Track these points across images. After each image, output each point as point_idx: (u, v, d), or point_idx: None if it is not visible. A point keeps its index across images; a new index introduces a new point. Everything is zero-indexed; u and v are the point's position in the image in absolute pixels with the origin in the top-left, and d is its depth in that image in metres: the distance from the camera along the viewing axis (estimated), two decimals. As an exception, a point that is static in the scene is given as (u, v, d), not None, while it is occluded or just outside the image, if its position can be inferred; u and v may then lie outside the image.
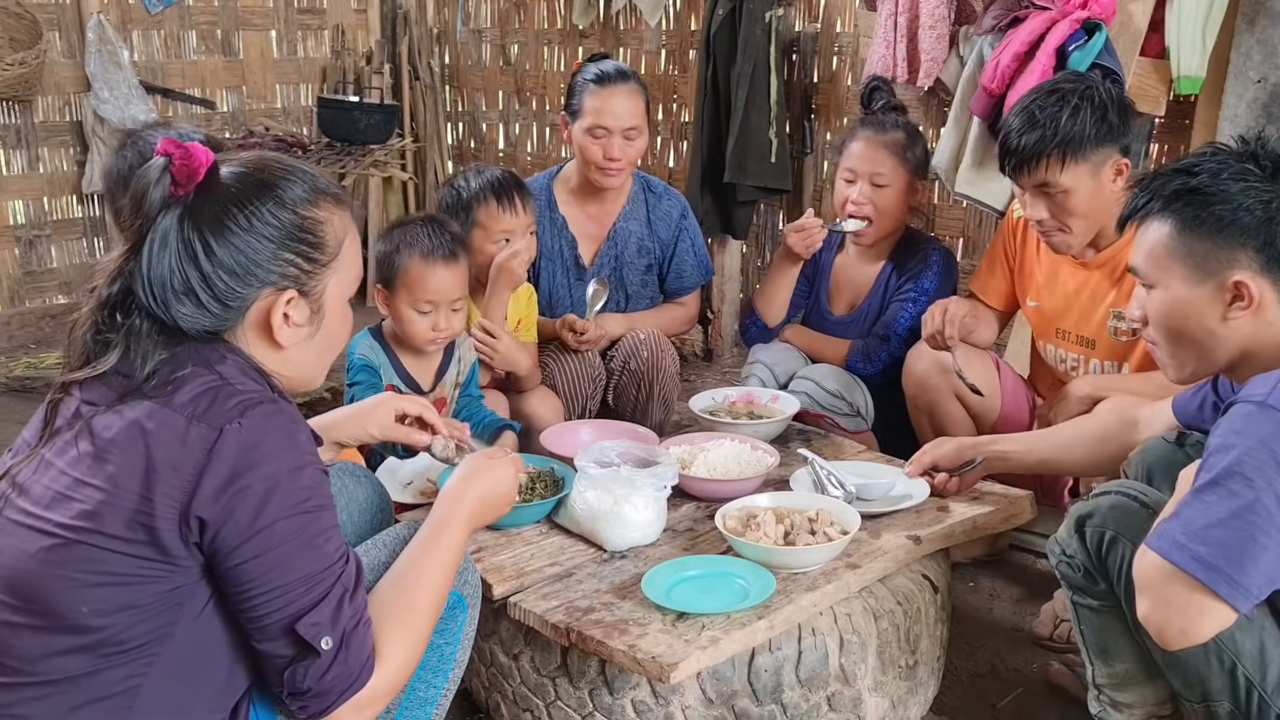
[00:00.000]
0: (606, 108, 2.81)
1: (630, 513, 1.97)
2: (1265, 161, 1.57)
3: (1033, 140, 2.24)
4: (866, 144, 2.81)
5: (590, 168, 2.89)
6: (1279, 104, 2.96)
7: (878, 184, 2.79)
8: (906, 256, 2.89)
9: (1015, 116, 2.30)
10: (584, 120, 2.84)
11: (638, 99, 2.88)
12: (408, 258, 2.28)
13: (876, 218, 2.81)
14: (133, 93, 4.72)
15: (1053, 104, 2.24)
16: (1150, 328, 1.69)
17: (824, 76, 4.17)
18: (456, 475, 1.64)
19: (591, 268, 3.02)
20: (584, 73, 2.90)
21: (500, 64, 5.43)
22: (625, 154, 2.86)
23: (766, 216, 4.50)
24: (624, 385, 2.87)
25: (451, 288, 2.31)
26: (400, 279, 2.29)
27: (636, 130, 2.86)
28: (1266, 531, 1.41)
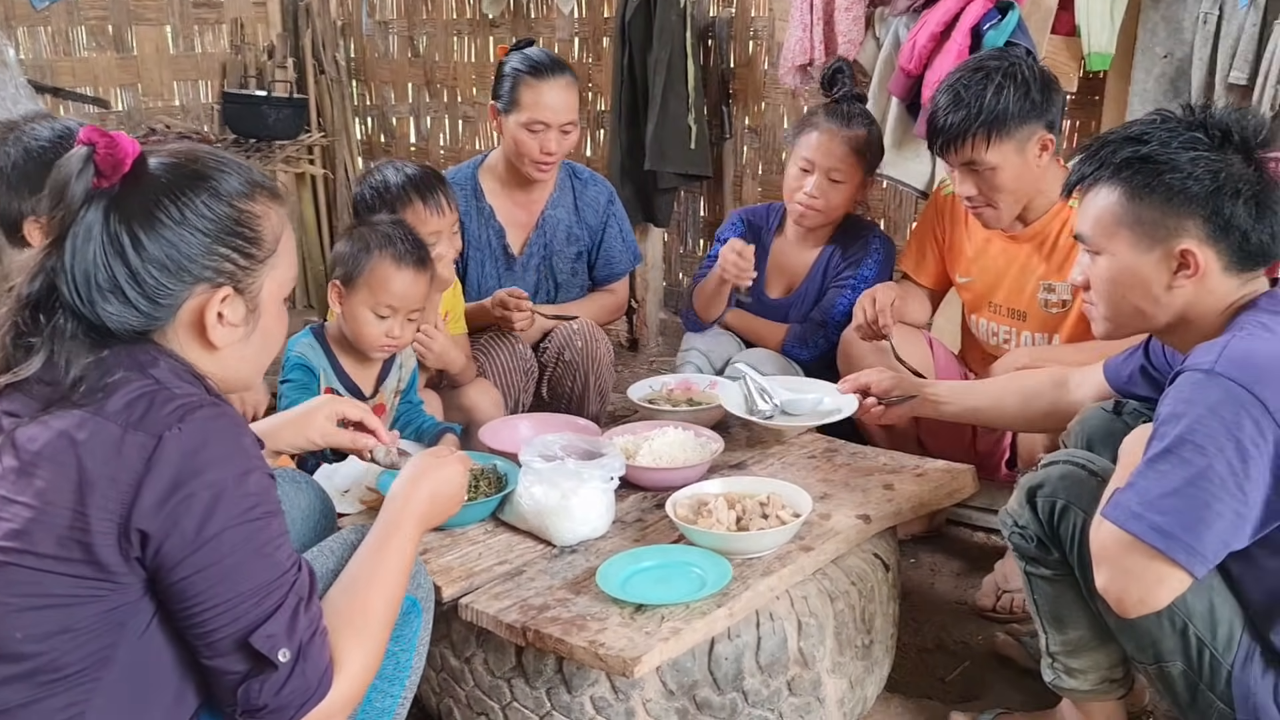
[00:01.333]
0: (544, 102, 2.75)
1: (579, 506, 1.93)
2: (1214, 131, 1.59)
3: (959, 119, 2.26)
4: (830, 138, 2.74)
5: (524, 161, 2.82)
6: (1185, 79, 3.04)
7: (834, 179, 2.74)
8: (848, 241, 2.88)
9: (942, 95, 2.32)
10: (520, 114, 2.77)
11: (573, 92, 2.83)
12: (378, 257, 2.19)
13: (825, 211, 2.78)
14: (20, 92, 4.47)
15: (978, 82, 2.26)
16: (1092, 292, 1.70)
17: (740, 61, 4.17)
18: (404, 476, 1.58)
19: (521, 257, 2.96)
20: (514, 62, 2.82)
21: (409, 56, 5.31)
22: (561, 148, 2.81)
23: (688, 203, 4.49)
24: (559, 377, 2.82)
25: (415, 295, 2.23)
26: (365, 278, 2.20)
27: (573, 124, 2.81)
28: (1219, 497, 1.43)
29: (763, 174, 4.25)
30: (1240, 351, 1.48)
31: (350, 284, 2.21)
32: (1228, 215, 1.56)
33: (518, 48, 2.91)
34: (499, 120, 2.84)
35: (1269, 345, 1.49)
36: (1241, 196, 1.56)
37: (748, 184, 4.28)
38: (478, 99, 5.08)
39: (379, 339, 2.23)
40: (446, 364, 2.54)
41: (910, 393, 2.21)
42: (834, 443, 2.41)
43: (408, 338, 2.29)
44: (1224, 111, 1.63)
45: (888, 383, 2.23)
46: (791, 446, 2.38)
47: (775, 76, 3.97)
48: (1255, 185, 1.58)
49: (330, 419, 1.77)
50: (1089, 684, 1.81)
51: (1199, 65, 2.96)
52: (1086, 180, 1.70)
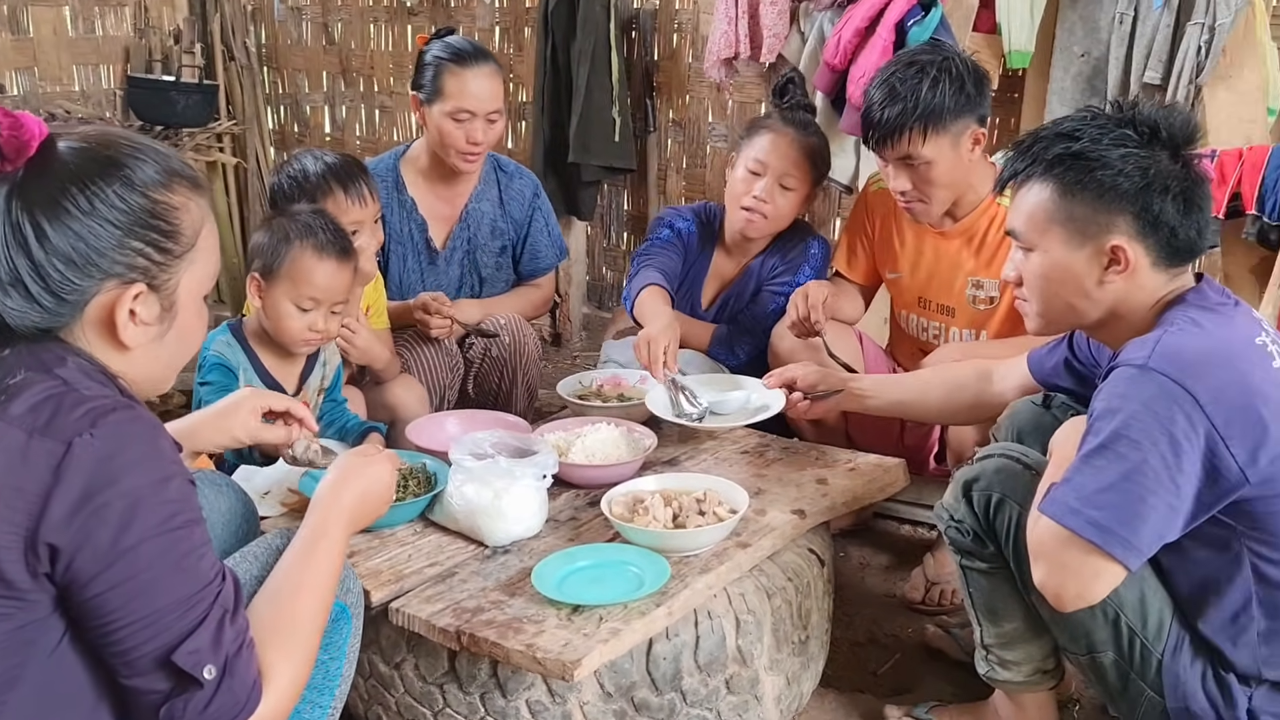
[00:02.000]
0: (470, 90, 2.68)
1: (511, 505, 1.88)
2: (1142, 128, 1.60)
3: (896, 113, 2.25)
4: (787, 143, 2.65)
5: (449, 152, 2.75)
6: (1102, 77, 3.10)
7: (785, 186, 2.66)
8: (785, 243, 2.82)
9: (876, 90, 2.31)
10: (444, 103, 2.70)
11: (498, 80, 2.76)
12: (299, 248, 2.11)
13: (773, 218, 2.70)
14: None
15: (913, 76, 2.26)
16: (1025, 288, 1.71)
17: (664, 54, 4.14)
18: (330, 476, 1.51)
19: (444, 251, 2.89)
20: (436, 50, 2.75)
21: (323, 43, 5.16)
22: (487, 138, 2.74)
23: (611, 196, 4.45)
24: (486, 373, 2.76)
25: (339, 287, 2.15)
26: (286, 270, 2.11)
27: (499, 113, 2.75)
28: (1154, 491, 1.45)
29: (687, 168, 4.22)
30: (1172, 347, 1.50)
31: (270, 276, 2.13)
32: (1156, 211, 1.58)
33: (438, 36, 2.84)
34: (422, 111, 2.76)
35: (1199, 340, 1.51)
36: (1170, 193, 1.58)
37: (672, 178, 4.26)
38: (395, 89, 4.96)
39: (302, 333, 2.15)
40: (371, 360, 2.47)
41: (836, 387, 2.21)
42: (765, 438, 2.40)
43: (332, 331, 2.21)
44: (1151, 109, 1.65)
45: (813, 377, 2.23)
46: (724, 442, 2.36)
47: (699, 70, 3.96)
48: (1183, 182, 1.60)
49: (255, 414, 1.68)
50: (1022, 675, 1.82)
51: (1115, 64, 3.03)
52: (1019, 176, 1.70)
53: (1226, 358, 1.50)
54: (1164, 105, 1.68)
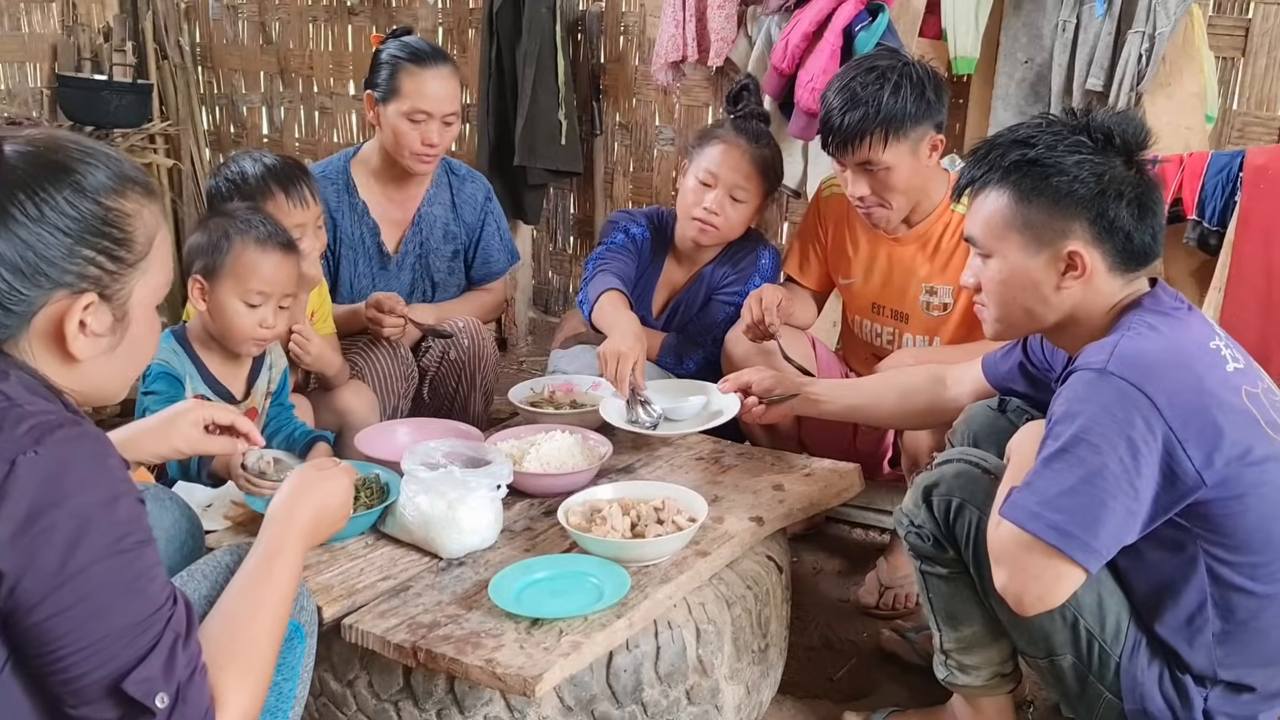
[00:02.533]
0: (428, 91, 2.63)
1: (466, 516, 1.84)
2: (1097, 134, 1.62)
3: (857, 118, 2.25)
4: (739, 155, 2.61)
5: (404, 153, 2.69)
6: (1045, 84, 3.14)
7: (736, 198, 2.63)
8: (735, 252, 2.79)
9: (836, 95, 2.30)
10: (401, 103, 2.64)
11: (456, 82, 2.72)
12: (240, 243, 2.05)
13: (724, 230, 2.67)
14: None
15: (874, 82, 2.26)
16: (984, 294, 1.72)
17: (611, 57, 4.12)
18: (285, 491, 1.46)
19: (396, 256, 2.83)
20: (393, 49, 2.69)
21: (260, 43, 5.06)
22: (443, 140, 2.69)
23: (557, 200, 4.42)
24: (442, 377, 2.71)
25: (286, 279, 2.10)
26: (229, 267, 2.05)
27: (455, 116, 2.70)
28: (1114, 495, 1.46)
29: (634, 171, 4.20)
30: (1130, 350, 1.51)
31: (213, 275, 2.07)
32: (1112, 217, 1.59)
33: (395, 35, 2.79)
34: (376, 110, 2.71)
35: (1156, 344, 1.53)
36: (1124, 198, 1.60)
37: (619, 181, 4.23)
38: (335, 89, 4.87)
39: (252, 330, 2.09)
40: (323, 367, 2.41)
41: (791, 391, 2.20)
42: (720, 444, 2.39)
43: (282, 328, 2.16)
44: (1105, 115, 1.66)
45: (769, 382, 2.22)
46: (679, 449, 2.34)
47: (647, 73, 3.94)
48: (1137, 187, 1.61)
49: (197, 425, 1.63)
50: (981, 680, 1.82)
51: (1058, 71, 3.07)
52: (976, 183, 1.71)
53: (1182, 361, 1.52)
54: (1116, 112, 1.69)
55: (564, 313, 4.29)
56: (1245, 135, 3.09)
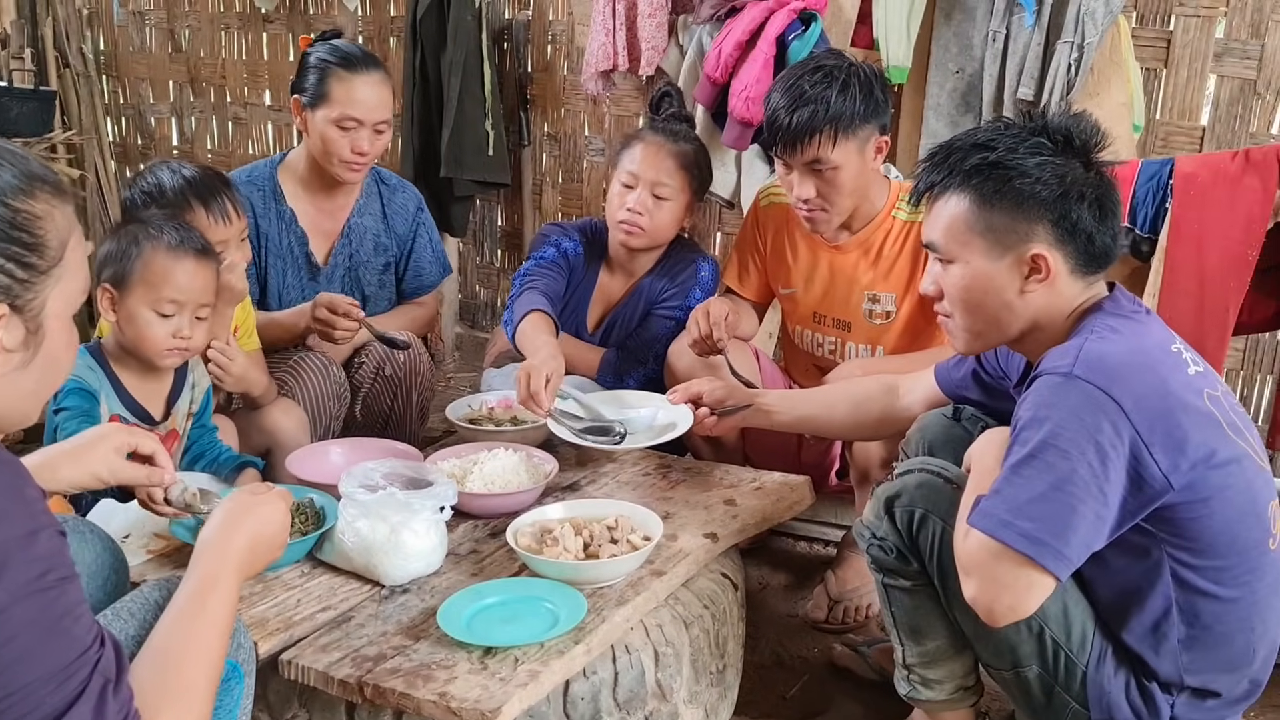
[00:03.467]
0: (358, 97, 2.52)
1: (410, 540, 1.75)
2: (1056, 136, 1.60)
3: (805, 116, 2.21)
4: (656, 150, 2.58)
5: (332, 161, 2.58)
6: (976, 94, 3.16)
7: (659, 195, 2.58)
8: (673, 265, 2.73)
9: (782, 95, 2.27)
10: (330, 109, 2.53)
11: (387, 89, 2.61)
12: (151, 249, 1.93)
13: (651, 231, 2.61)
14: None
15: (821, 80, 2.23)
16: (946, 302, 1.69)
17: (538, 66, 4.05)
18: (218, 519, 1.36)
19: (326, 267, 2.71)
20: (321, 52, 2.57)
21: (169, 51, 4.87)
22: (374, 148, 2.58)
23: (484, 212, 4.32)
24: (377, 394, 2.60)
25: (202, 287, 1.98)
26: (139, 274, 1.93)
27: (386, 124, 2.59)
28: (1083, 500, 1.43)
29: (563, 182, 4.13)
30: (1094, 354, 1.49)
31: (123, 284, 1.95)
32: (1074, 219, 1.58)
33: (324, 38, 2.68)
34: (303, 116, 2.59)
35: (1119, 347, 1.51)
36: (1086, 200, 1.59)
37: (547, 193, 4.16)
38: (249, 99, 4.72)
39: (165, 341, 1.96)
40: (247, 386, 2.28)
41: (743, 403, 2.15)
42: (666, 459, 2.33)
43: (199, 340, 2.03)
44: (1061, 117, 1.65)
45: (720, 393, 2.17)
46: (624, 464, 2.28)
47: (575, 82, 3.88)
48: (1097, 188, 1.61)
49: (120, 450, 1.51)
50: (944, 694, 1.79)
51: (989, 81, 3.09)
52: (935, 188, 1.68)
53: (1147, 364, 1.50)
54: (1071, 114, 1.68)
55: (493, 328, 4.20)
56: (1169, 144, 3.15)
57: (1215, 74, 3.07)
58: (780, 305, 2.69)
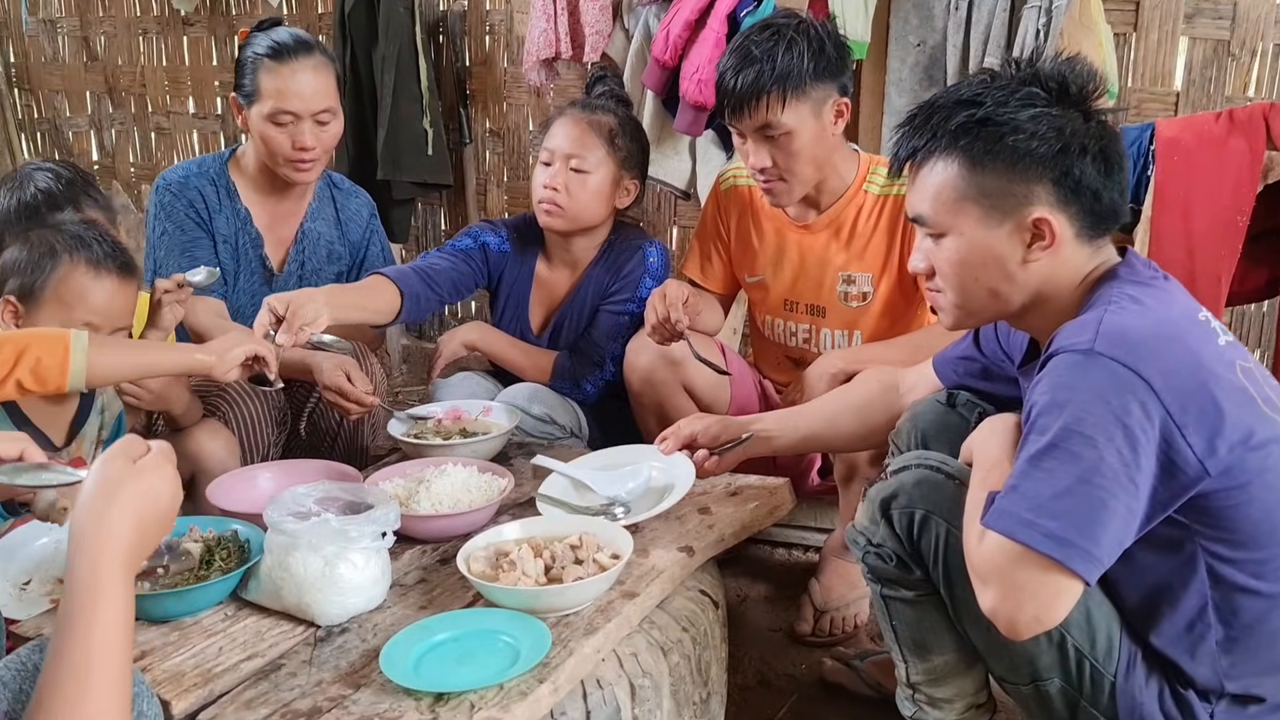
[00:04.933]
0: (291, 88, 2.30)
1: (348, 573, 1.54)
2: (1051, 84, 1.43)
3: (751, 77, 2.05)
4: (570, 123, 2.45)
5: (277, 161, 2.36)
6: (940, 66, 3.01)
7: (577, 169, 2.41)
8: (618, 255, 2.55)
9: (730, 56, 2.12)
10: (263, 104, 2.31)
11: (327, 74, 2.38)
12: (68, 264, 1.73)
13: (570, 207, 2.43)
14: None
15: (768, 39, 2.07)
16: (939, 278, 1.51)
17: (476, 59, 3.84)
18: (89, 498, 1.07)
19: (281, 274, 2.49)
20: (253, 45, 2.35)
21: (84, 60, 4.60)
22: (320, 141, 2.36)
23: (426, 215, 4.10)
24: (325, 411, 2.38)
25: (121, 309, 1.79)
26: (53, 291, 1.72)
27: (330, 112, 2.37)
28: (1114, 493, 1.26)
29: (508, 181, 3.93)
30: (1116, 327, 1.32)
31: (31, 299, 1.74)
32: (1078, 175, 1.41)
33: (261, 28, 2.46)
34: (243, 116, 2.37)
35: (1143, 318, 1.34)
36: (1089, 153, 1.42)
37: (492, 192, 3.95)
38: (173, 108, 4.46)
39: None
40: (168, 403, 2.06)
41: (739, 435, 1.93)
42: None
43: None
44: (1054, 63, 1.48)
45: (714, 429, 1.94)
46: (586, 475, 2.08)
47: (516, 75, 3.69)
48: (1100, 140, 1.44)
49: None
50: (955, 714, 1.61)
51: (953, 52, 2.94)
52: (919, 154, 1.50)
53: (1175, 335, 1.34)
54: (1064, 59, 1.51)
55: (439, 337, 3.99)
56: (1141, 112, 3.02)
57: (1187, 36, 2.94)
58: (747, 296, 2.50)
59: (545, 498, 1.88)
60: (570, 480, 1.91)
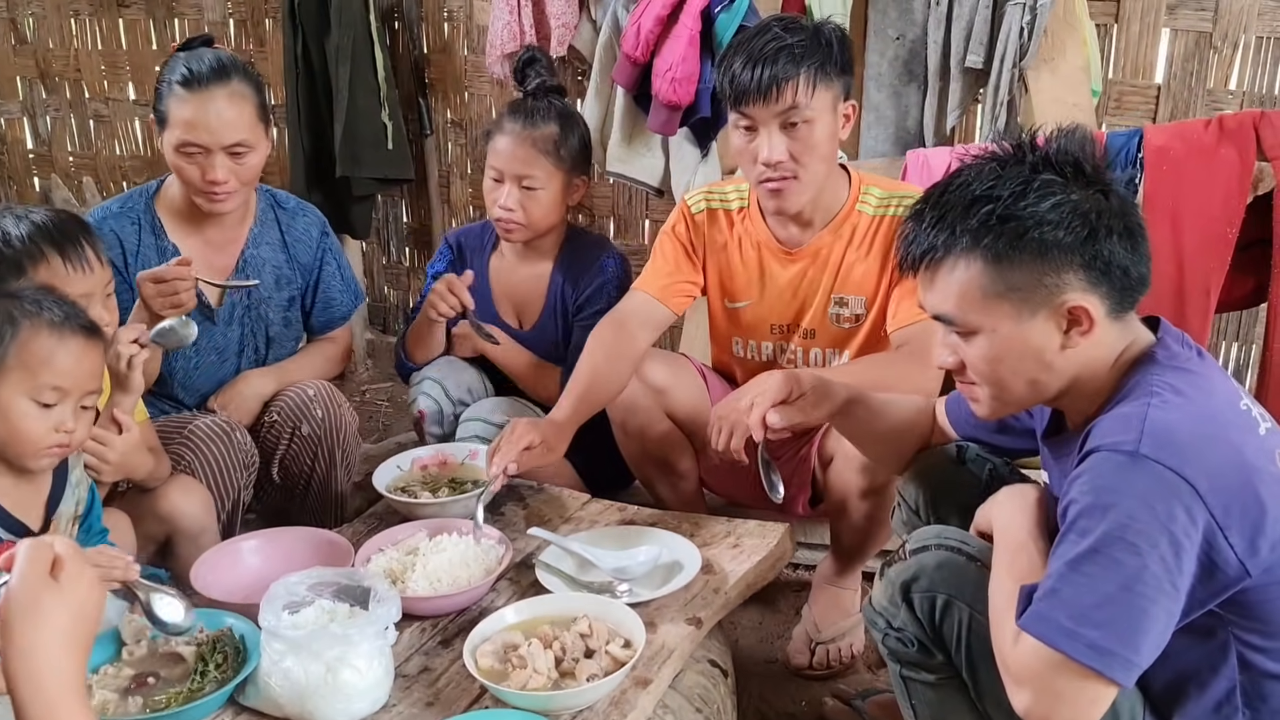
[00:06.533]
0: (200, 120, 2.15)
1: (352, 678, 1.47)
2: (1066, 167, 1.37)
3: (782, 59, 1.98)
4: (516, 142, 2.40)
5: (191, 190, 2.23)
6: (919, 61, 2.94)
7: (528, 187, 2.40)
8: (576, 265, 2.53)
9: (740, 53, 2.02)
10: (170, 133, 2.17)
11: (245, 104, 2.21)
12: (30, 328, 1.59)
13: (528, 222, 2.44)
14: None
15: (786, 29, 2.01)
16: (971, 373, 1.45)
17: (435, 47, 3.69)
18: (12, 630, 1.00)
19: (221, 309, 2.36)
20: (170, 68, 2.20)
21: (12, 43, 4.35)
22: (236, 174, 2.22)
23: (387, 209, 3.97)
24: (295, 454, 2.28)
25: (88, 372, 1.65)
26: (15, 358, 1.59)
27: (246, 146, 2.21)
28: (1156, 601, 1.23)
29: (472, 173, 3.80)
30: (1162, 426, 1.27)
31: None
32: (1108, 256, 1.35)
33: (187, 47, 2.29)
34: (160, 139, 2.24)
35: (1187, 413, 1.30)
36: (1115, 232, 1.36)
37: (455, 184, 3.82)
38: (111, 94, 4.25)
39: (47, 437, 1.62)
40: (130, 471, 1.95)
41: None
42: (627, 509, 2.09)
43: (83, 434, 1.70)
44: (1061, 141, 1.41)
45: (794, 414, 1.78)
46: (578, 523, 2.03)
47: (477, 63, 3.56)
48: (1123, 216, 1.38)
49: None
50: (971, 786, 1.59)
51: (934, 48, 2.86)
52: (934, 253, 1.42)
53: (1219, 434, 1.29)
54: (1064, 133, 1.44)
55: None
56: (1122, 105, 2.98)
57: (1169, 28, 2.89)
58: (715, 318, 2.41)
59: (546, 567, 1.82)
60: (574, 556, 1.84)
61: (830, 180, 2.15)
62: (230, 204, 2.27)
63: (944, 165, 2.63)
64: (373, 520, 2.09)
